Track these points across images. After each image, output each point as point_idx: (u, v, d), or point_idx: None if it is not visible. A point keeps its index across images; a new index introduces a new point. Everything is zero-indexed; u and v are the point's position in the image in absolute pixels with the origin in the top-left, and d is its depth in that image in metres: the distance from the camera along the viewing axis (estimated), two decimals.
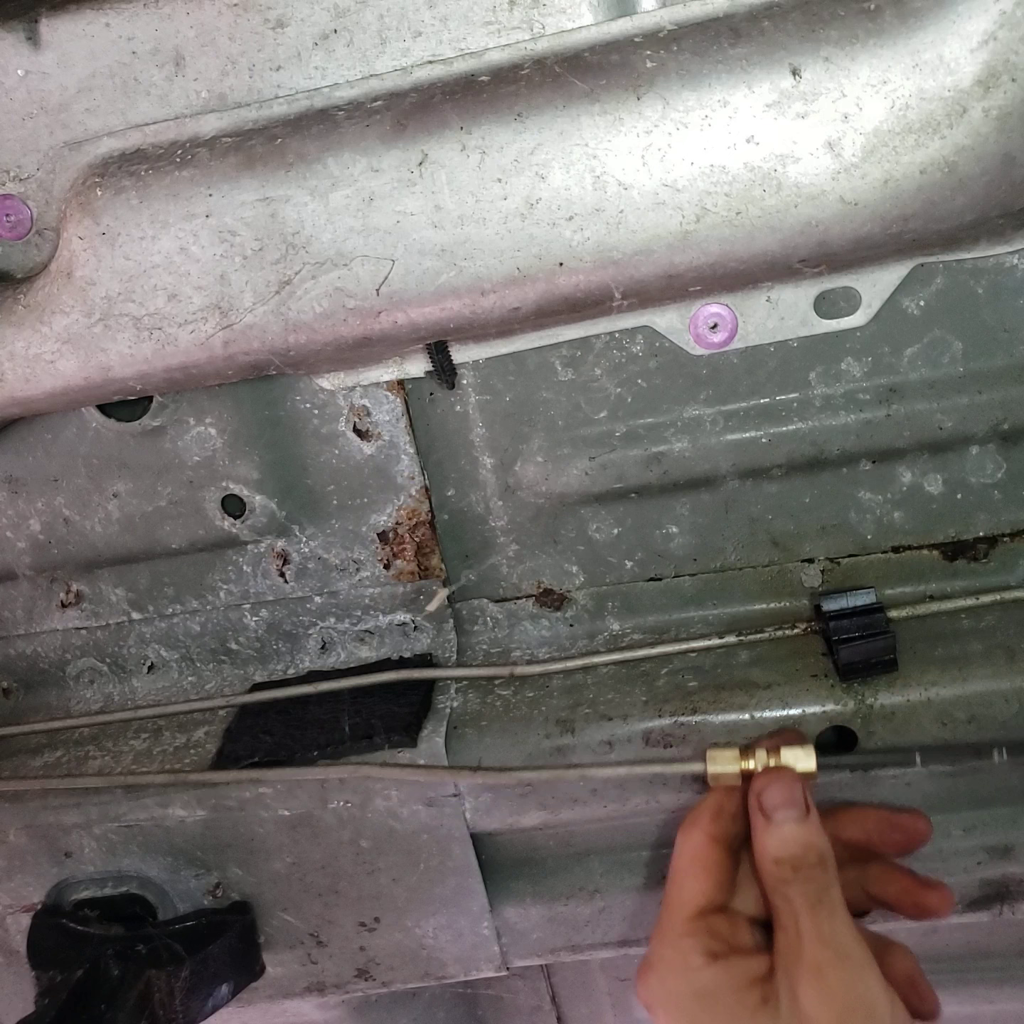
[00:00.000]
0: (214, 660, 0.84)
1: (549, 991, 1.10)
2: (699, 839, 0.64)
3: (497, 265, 0.61)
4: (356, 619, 0.82)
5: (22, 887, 0.79)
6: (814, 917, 0.59)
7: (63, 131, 0.66)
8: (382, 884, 0.77)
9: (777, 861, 0.61)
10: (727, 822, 0.64)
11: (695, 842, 0.64)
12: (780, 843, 0.61)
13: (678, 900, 0.63)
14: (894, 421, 0.73)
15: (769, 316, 0.69)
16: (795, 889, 0.60)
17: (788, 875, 0.61)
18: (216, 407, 0.75)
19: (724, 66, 0.57)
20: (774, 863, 0.61)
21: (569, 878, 0.79)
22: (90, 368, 0.66)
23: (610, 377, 0.73)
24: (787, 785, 0.62)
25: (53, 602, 0.84)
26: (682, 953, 0.62)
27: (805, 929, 0.59)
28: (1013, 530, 0.76)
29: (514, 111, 0.59)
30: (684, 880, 0.64)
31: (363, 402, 0.75)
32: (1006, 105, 0.55)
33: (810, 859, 0.61)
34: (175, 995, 0.72)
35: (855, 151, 0.57)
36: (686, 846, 0.64)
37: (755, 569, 0.79)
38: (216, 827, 0.76)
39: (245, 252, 0.62)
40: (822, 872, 0.61)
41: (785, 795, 0.62)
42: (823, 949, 0.58)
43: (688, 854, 0.64)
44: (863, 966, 0.58)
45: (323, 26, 0.63)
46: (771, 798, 0.62)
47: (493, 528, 0.80)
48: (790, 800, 0.62)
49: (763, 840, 0.62)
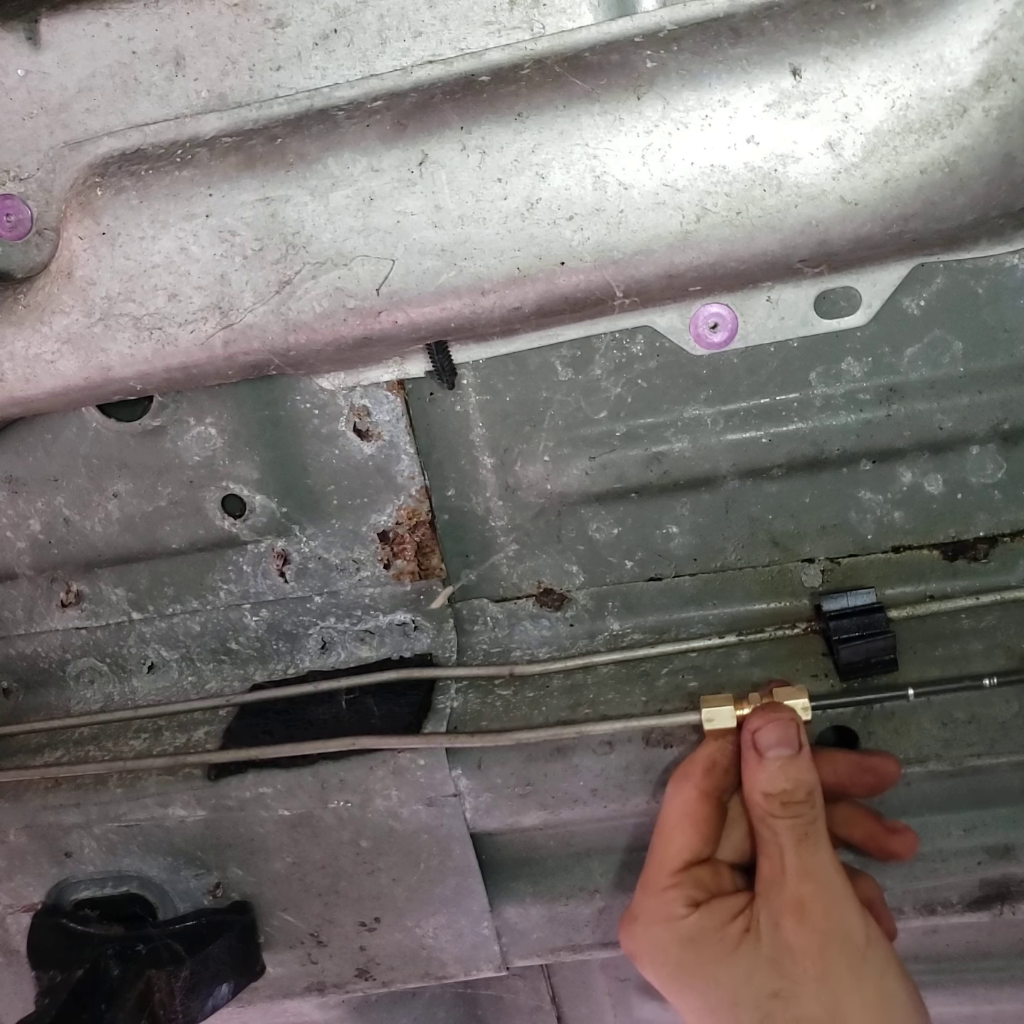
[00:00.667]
0: (214, 660, 0.84)
1: (549, 991, 1.10)
2: (690, 794, 0.65)
3: (497, 265, 0.61)
4: (356, 619, 0.82)
5: (22, 887, 0.79)
6: (799, 850, 0.61)
7: (63, 131, 0.66)
8: (382, 884, 0.77)
9: (767, 795, 0.63)
10: (719, 776, 0.65)
11: (685, 796, 0.65)
12: (770, 778, 0.63)
13: (664, 853, 0.65)
14: (894, 421, 0.73)
15: (769, 316, 0.69)
16: (782, 823, 0.62)
17: (777, 809, 0.62)
18: (216, 407, 0.75)
19: (724, 66, 0.57)
20: (764, 797, 0.63)
21: (569, 878, 0.79)
22: (90, 368, 0.66)
23: (610, 377, 0.73)
24: (782, 724, 0.64)
25: (53, 602, 0.84)
26: (666, 904, 0.63)
27: (789, 862, 0.61)
28: (1013, 530, 0.76)
29: (514, 111, 0.59)
30: (672, 834, 0.65)
31: (363, 402, 0.75)
32: (1006, 105, 0.55)
33: (799, 795, 0.62)
34: (175, 995, 0.72)
35: (855, 151, 0.57)
36: (676, 799, 0.65)
37: (755, 569, 0.79)
38: (216, 827, 0.76)
39: (245, 252, 0.62)
40: (809, 807, 0.62)
41: (779, 734, 0.63)
42: (806, 882, 0.61)
43: (678, 809, 0.65)
44: (843, 897, 0.61)
45: (323, 26, 0.63)
46: (765, 737, 0.63)
47: (493, 528, 0.80)
48: (784, 739, 0.63)
49: (754, 775, 0.63)
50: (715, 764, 0.65)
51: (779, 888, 0.61)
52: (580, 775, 0.72)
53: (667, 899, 0.64)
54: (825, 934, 0.60)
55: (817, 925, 0.60)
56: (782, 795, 0.62)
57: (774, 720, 0.64)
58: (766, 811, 0.63)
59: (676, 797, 0.65)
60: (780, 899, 0.61)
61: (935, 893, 0.75)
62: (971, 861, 0.74)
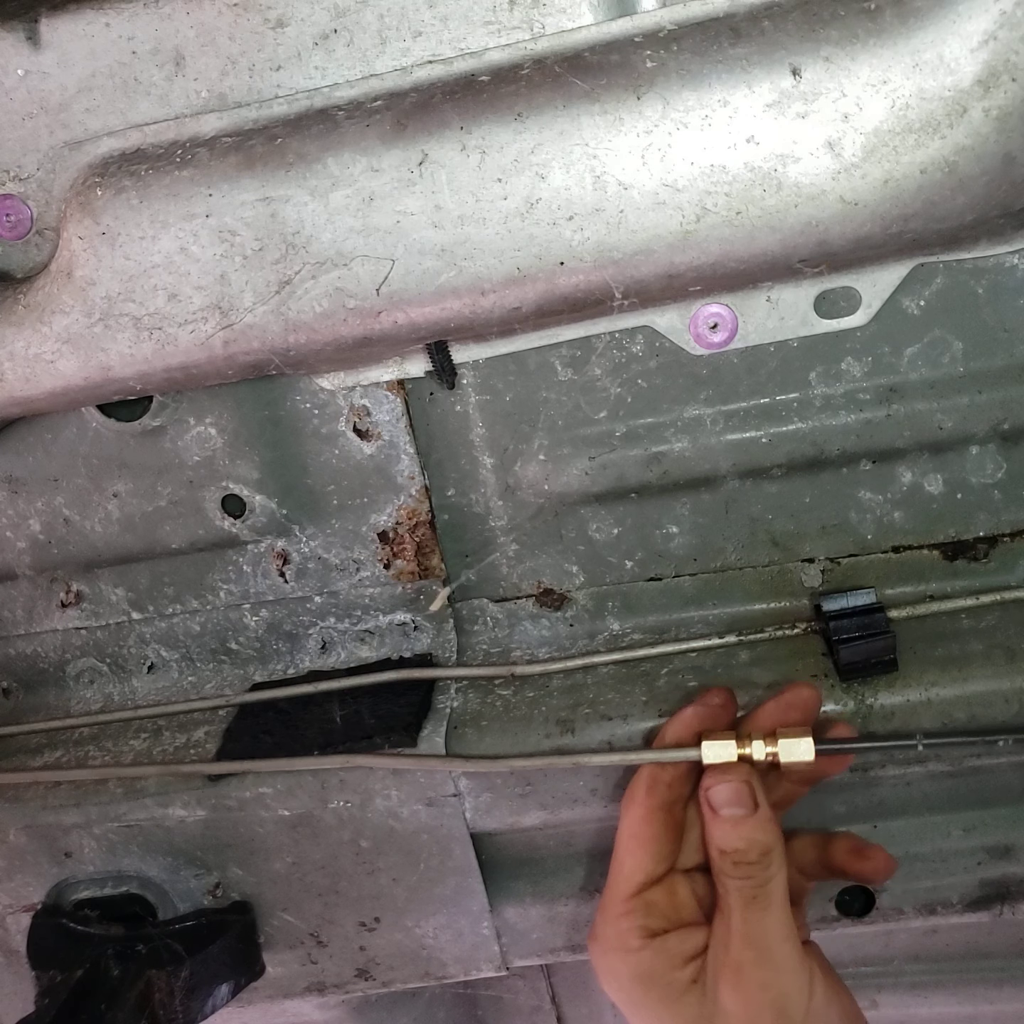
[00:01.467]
0: (214, 660, 0.84)
1: (549, 991, 1.10)
2: (635, 814, 0.64)
3: (497, 265, 0.61)
4: (356, 619, 0.82)
5: (22, 887, 0.79)
6: (745, 913, 0.60)
7: (63, 131, 0.66)
8: (382, 884, 0.77)
9: (720, 852, 0.62)
10: (663, 791, 0.64)
11: (631, 818, 0.64)
12: (723, 836, 0.61)
13: (618, 878, 0.64)
14: (894, 421, 0.73)
15: (769, 316, 0.69)
16: (732, 883, 0.61)
17: (728, 868, 0.61)
18: (216, 407, 0.75)
19: (724, 66, 0.57)
20: (718, 853, 0.62)
21: (569, 878, 0.79)
22: (90, 368, 0.66)
23: (610, 377, 0.73)
24: (733, 786, 0.62)
25: (53, 602, 0.84)
26: (620, 933, 0.63)
27: (735, 924, 0.60)
28: (1013, 530, 0.76)
29: (514, 111, 0.59)
30: (624, 857, 0.64)
31: (363, 402, 0.75)
32: (1006, 105, 0.55)
33: (751, 855, 0.61)
34: (175, 995, 0.72)
35: (855, 151, 0.57)
36: (623, 822, 0.65)
37: (755, 569, 0.79)
38: (216, 827, 0.76)
39: (245, 252, 0.62)
40: (762, 869, 0.61)
41: (730, 794, 0.62)
42: (747, 948, 0.59)
43: (626, 832, 0.65)
44: (785, 968, 0.60)
45: (323, 26, 0.63)
46: (716, 795, 0.62)
47: (493, 528, 0.80)
48: (735, 799, 0.62)
49: (708, 829, 0.63)
50: (656, 781, 0.64)
51: (724, 948, 0.60)
52: (580, 775, 0.73)
53: (621, 928, 0.63)
54: (759, 1005, 0.59)
55: (752, 995, 0.59)
56: (734, 854, 0.61)
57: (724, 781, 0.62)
58: (719, 869, 0.62)
59: (623, 820, 0.65)
60: (723, 959, 0.60)
61: (935, 893, 0.75)
62: (971, 861, 0.74)
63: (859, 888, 0.75)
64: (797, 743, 0.62)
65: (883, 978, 0.99)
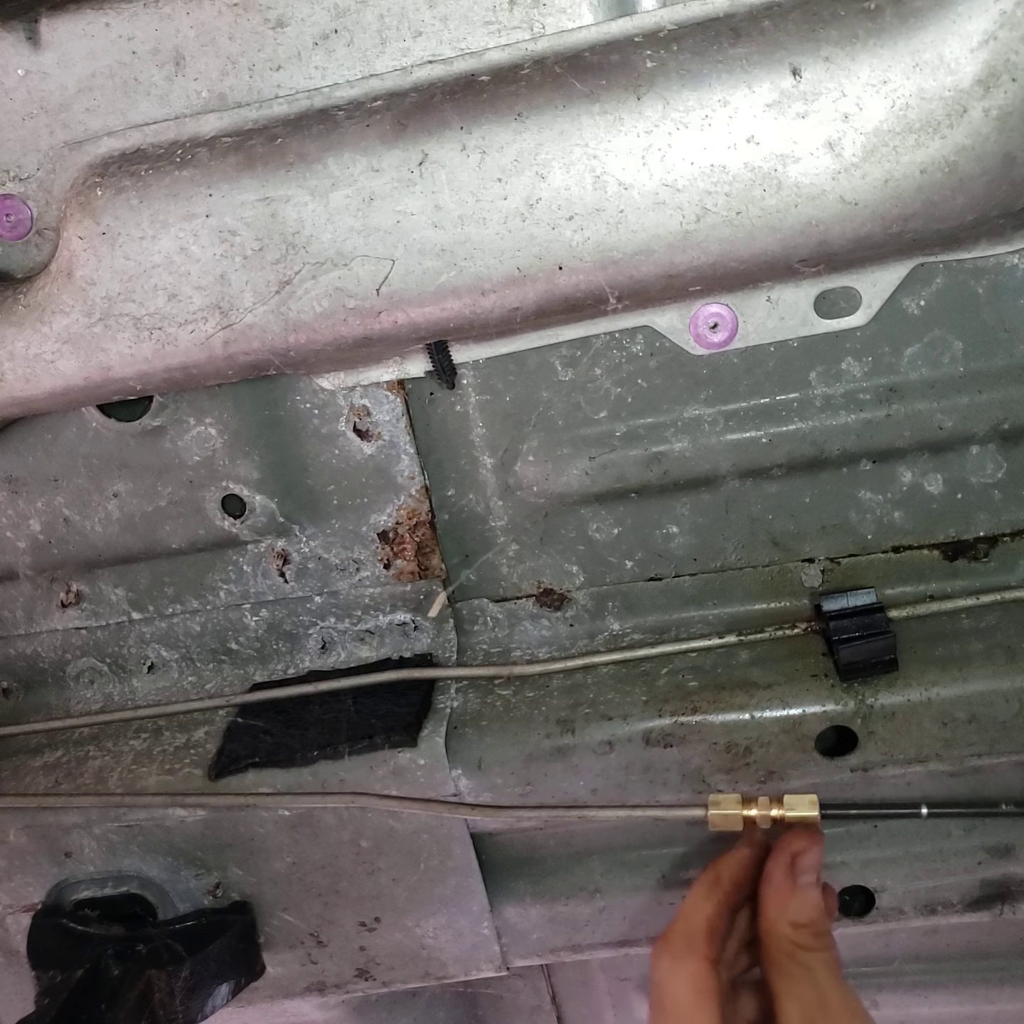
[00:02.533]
0: (214, 660, 0.84)
1: (549, 991, 1.10)
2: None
3: (497, 265, 0.61)
4: (356, 619, 0.82)
5: (22, 887, 0.79)
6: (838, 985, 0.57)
7: (63, 131, 0.66)
8: (382, 884, 0.77)
9: (796, 926, 0.58)
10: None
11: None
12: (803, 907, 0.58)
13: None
14: (894, 421, 0.73)
15: (769, 316, 0.69)
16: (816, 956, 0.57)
17: (808, 941, 0.58)
18: (216, 407, 0.75)
19: (724, 66, 0.57)
20: (793, 928, 0.58)
21: (569, 878, 0.79)
22: (90, 368, 0.66)
23: (610, 377, 0.73)
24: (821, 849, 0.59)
25: (53, 602, 0.84)
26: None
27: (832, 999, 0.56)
28: (1013, 530, 0.76)
29: (514, 111, 0.59)
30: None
31: (363, 402, 0.75)
32: (1006, 105, 0.55)
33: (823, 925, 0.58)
34: (175, 995, 0.72)
35: (855, 151, 0.57)
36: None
37: (755, 569, 0.79)
38: (216, 827, 0.76)
39: (245, 252, 0.62)
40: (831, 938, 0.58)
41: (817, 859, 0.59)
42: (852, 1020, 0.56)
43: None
44: None
45: (323, 26, 0.63)
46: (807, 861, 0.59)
47: (493, 528, 0.80)
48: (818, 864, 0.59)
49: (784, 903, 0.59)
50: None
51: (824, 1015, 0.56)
52: (580, 775, 0.72)
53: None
54: None
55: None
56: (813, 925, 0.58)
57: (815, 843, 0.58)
58: (797, 945, 0.57)
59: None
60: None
61: (935, 893, 0.75)
62: (971, 861, 0.74)
63: (859, 888, 0.75)
64: (801, 801, 0.63)
65: (883, 978, 0.99)
